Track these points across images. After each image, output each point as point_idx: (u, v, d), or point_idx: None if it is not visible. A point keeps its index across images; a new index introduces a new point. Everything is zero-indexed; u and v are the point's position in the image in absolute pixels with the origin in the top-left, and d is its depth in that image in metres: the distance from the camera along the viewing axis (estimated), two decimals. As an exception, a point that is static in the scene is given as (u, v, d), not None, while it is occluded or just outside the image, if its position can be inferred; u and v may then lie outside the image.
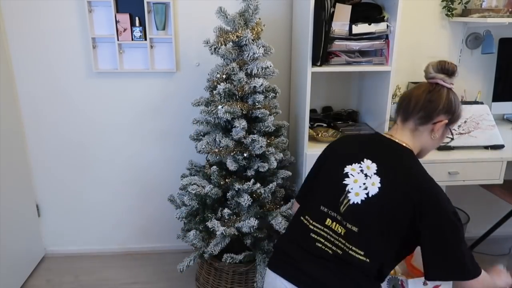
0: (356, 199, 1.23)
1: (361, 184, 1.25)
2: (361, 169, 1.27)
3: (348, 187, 1.26)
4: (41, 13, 2.12)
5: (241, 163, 1.87)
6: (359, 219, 1.22)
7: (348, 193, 1.25)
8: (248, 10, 1.78)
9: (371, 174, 1.25)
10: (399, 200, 1.19)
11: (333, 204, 1.27)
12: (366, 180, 1.25)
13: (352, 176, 1.27)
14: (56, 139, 2.33)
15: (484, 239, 2.48)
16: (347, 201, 1.25)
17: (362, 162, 1.28)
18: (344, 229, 1.23)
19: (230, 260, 1.87)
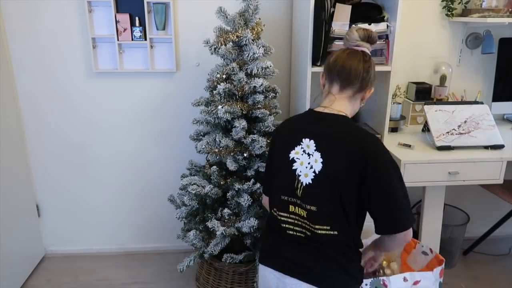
0: (307, 179, 1.28)
1: (306, 165, 1.29)
2: (303, 150, 1.30)
3: (297, 171, 1.30)
4: (41, 13, 2.12)
5: (241, 163, 1.87)
6: (315, 198, 1.27)
7: (299, 176, 1.29)
8: (248, 10, 1.78)
9: (312, 152, 1.29)
10: (342, 168, 1.24)
11: (290, 191, 1.31)
12: (309, 159, 1.29)
13: (298, 160, 1.31)
14: (56, 139, 2.33)
15: (484, 239, 2.48)
16: (300, 184, 1.29)
17: (301, 143, 1.31)
18: (305, 211, 1.29)
19: (230, 260, 1.87)
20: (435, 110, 2.02)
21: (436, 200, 2.02)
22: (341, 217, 1.26)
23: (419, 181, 1.89)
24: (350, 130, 1.29)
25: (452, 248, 2.37)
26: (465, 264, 2.44)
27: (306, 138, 1.30)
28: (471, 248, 2.52)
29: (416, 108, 2.23)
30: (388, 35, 1.87)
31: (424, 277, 1.65)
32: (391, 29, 1.85)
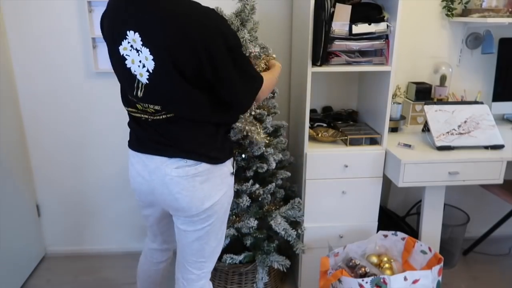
0: (143, 79, 1.19)
1: (138, 64, 1.17)
2: (130, 45, 1.17)
3: (132, 70, 1.20)
4: (41, 13, 2.12)
5: (240, 164, 1.87)
6: (157, 97, 1.21)
7: (136, 76, 1.20)
8: (245, 10, 1.77)
9: (139, 48, 1.15)
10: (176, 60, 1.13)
11: (131, 89, 1.25)
12: (139, 56, 1.16)
13: (128, 57, 1.19)
14: (56, 139, 2.33)
15: (484, 239, 2.48)
16: (140, 84, 1.21)
17: (126, 36, 1.16)
18: (152, 109, 1.24)
19: (229, 261, 1.87)
20: (435, 110, 2.01)
21: (436, 200, 2.02)
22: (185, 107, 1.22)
23: (419, 181, 1.89)
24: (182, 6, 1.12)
25: (452, 248, 2.37)
26: (465, 264, 2.44)
27: (130, 30, 1.14)
28: (471, 248, 2.52)
29: (416, 108, 2.23)
30: (388, 35, 1.87)
31: (423, 275, 1.65)
32: (391, 29, 1.84)
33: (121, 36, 1.18)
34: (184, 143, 1.27)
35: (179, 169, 1.27)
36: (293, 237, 1.89)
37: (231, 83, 1.22)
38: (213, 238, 1.41)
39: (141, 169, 1.35)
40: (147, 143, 1.31)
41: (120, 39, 1.18)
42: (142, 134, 1.32)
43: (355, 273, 1.77)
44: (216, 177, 1.33)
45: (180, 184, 1.28)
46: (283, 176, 1.98)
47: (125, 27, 1.16)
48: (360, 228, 2.07)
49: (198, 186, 1.29)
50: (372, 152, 1.98)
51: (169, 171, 1.28)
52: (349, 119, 2.24)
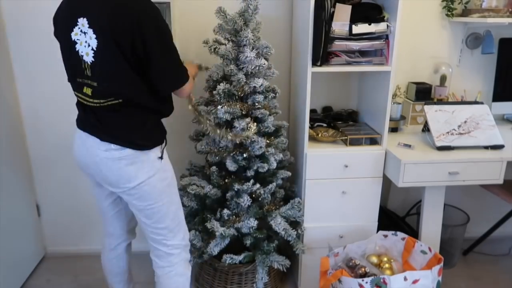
0: (89, 58, 1.36)
1: (85, 44, 1.35)
2: (80, 30, 1.35)
3: (80, 52, 1.37)
4: (41, 13, 2.12)
5: (241, 164, 1.87)
6: (101, 74, 1.37)
7: (82, 57, 1.37)
8: (248, 10, 1.77)
9: (86, 30, 1.34)
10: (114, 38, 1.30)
11: (80, 71, 1.40)
12: (85, 37, 1.34)
13: (78, 41, 1.36)
14: (56, 139, 2.33)
15: (484, 239, 2.48)
16: (86, 64, 1.37)
17: (77, 23, 1.35)
18: (92, 88, 1.40)
19: (229, 261, 1.87)
20: (435, 110, 2.02)
21: (436, 200, 2.02)
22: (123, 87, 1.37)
23: (419, 181, 1.89)
24: None
25: (452, 248, 2.37)
26: (465, 264, 2.44)
27: (81, 16, 1.34)
28: (471, 248, 2.52)
29: (416, 108, 2.23)
30: (388, 35, 1.87)
31: (423, 275, 1.65)
32: (391, 29, 1.84)
33: (73, 23, 1.36)
34: (114, 130, 1.43)
35: (107, 152, 1.43)
36: (293, 237, 1.89)
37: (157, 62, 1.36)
38: (163, 217, 1.56)
39: (81, 143, 1.51)
40: (87, 124, 1.48)
41: (73, 26, 1.36)
42: (84, 116, 1.49)
43: (355, 273, 1.77)
44: (142, 161, 1.46)
45: (107, 165, 1.45)
46: (283, 176, 1.98)
47: (76, 15, 1.35)
48: (360, 228, 2.07)
49: (124, 168, 1.44)
50: (372, 152, 1.98)
51: (99, 152, 1.44)
52: (349, 119, 2.24)
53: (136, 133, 1.45)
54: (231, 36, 1.81)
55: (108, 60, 1.34)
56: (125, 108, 1.41)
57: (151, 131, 1.50)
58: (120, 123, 1.43)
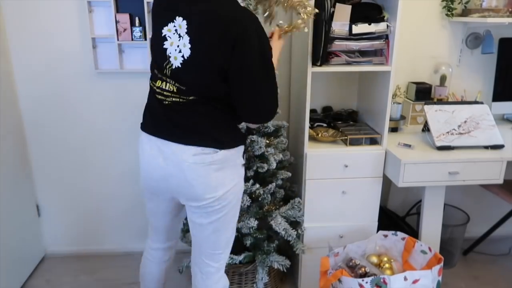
0: (176, 63, 1.27)
1: (175, 47, 1.27)
2: (175, 29, 1.27)
3: (168, 52, 1.28)
4: (41, 13, 2.12)
5: (241, 163, 1.87)
6: (184, 80, 1.28)
7: (169, 57, 1.28)
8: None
9: (183, 34, 1.25)
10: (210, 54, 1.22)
11: (161, 68, 1.32)
12: (179, 41, 1.26)
13: (169, 39, 1.28)
14: (57, 139, 2.33)
15: (484, 239, 2.48)
16: (170, 65, 1.29)
17: (174, 20, 1.26)
18: (175, 87, 1.30)
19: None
20: (435, 110, 2.02)
21: (436, 200, 2.02)
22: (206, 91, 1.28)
23: (419, 181, 1.89)
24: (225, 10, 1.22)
25: (452, 248, 2.37)
26: (465, 264, 2.44)
27: (180, 16, 1.25)
28: (471, 248, 2.52)
29: (416, 108, 2.23)
30: (388, 35, 1.87)
31: (423, 275, 1.65)
32: (391, 29, 1.84)
33: (169, 18, 1.27)
34: (199, 130, 1.31)
35: (196, 156, 1.30)
36: (293, 237, 1.89)
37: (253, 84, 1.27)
38: (228, 228, 1.44)
39: (156, 154, 1.36)
40: (164, 126, 1.34)
41: (168, 21, 1.27)
42: (161, 115, 1.35)
43: (355, 273, 1.77)
44: (230, 166, 1.37)
45: (197, 171, 1.31)
46: (283, 176, 1.98)
47: (176, 13, 1.26)
48: (360, 228, 2.07)
49: (213, 174, 1.33)
50: (372, 152, 1.98)
51: (186, 158, 1.30)
52: (349, 119, 2.24)
53: (222, 131, 1.34)
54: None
55: (196, 71, 1.26)
56: (208, 106, 1.31)
57: (235, 129, 1.40)
58: (204, 122, 1.31)
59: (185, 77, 1.28)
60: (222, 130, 1.34)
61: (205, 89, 1.28)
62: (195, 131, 1.31)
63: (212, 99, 1.30)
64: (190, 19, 1.24)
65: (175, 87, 1.30)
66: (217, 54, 1.21)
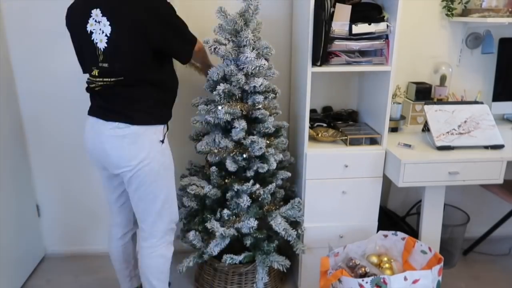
0: (102, 44, 1.50)
1: (99, 32, 1.49)
2: (94, 20, 1.49)
3: (94, 40, 1.50)
4: (41, 13, 2.12)
5: (241, 164, 1.87)
6: (112, 57, 1.50)
7: (97, 44, 1.50)
8: (248, 10, 1.77)
9: (100, 19, 1.48)
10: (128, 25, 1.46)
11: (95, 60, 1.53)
12: (99, 25, 1.48)
13: (94, 31, 1.50)
14: (56, 139, 2.33)
15: (484, 239, 2.48)
16: (100, 51, 1.51)
17: (91, 14, 1.49)
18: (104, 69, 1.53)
19: (229, 261, 1.87)
20: (435, 110, 2.02)
21: (436, 200, 2.02)
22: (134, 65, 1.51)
23: (419, 181, 1.89)
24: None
25: (452, 248, 2.37)
26: (465, 264, 2.44)
27: (94, 8, 1.48)
28: (471, 248, 2.52)
29: (416, 108, 2.23)
30: (388, 35, 1.87)
31: (423, 275, 1.65)
32: (391, 29, 1.84)
33: (88, 15, 1.50)
34: (118, 108, 1.56)
35: (112, 130, 1.56)
36: (293, 237, 1.89)
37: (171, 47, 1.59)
38: (155, 199, 1.65)
39: (90, 129, 1.65)
40: (95, 108, 1.64)
41: (87, 18, 1.50)
42: (92, 102, 1.66)
43: (355, 273, 1.77)
44: (143, 141, 1.58)
45: (112, 142, 1.57)
46: (283, 177, 1.98)
47: (89, 7, 1.49)
48: (360, 228, 2.07)
49: (126, 147, 1.56)
50: (372, 152, 1.98)
51: (104, 130, 1.58)
52: (349, 119, 2.24)
53: (139, 109, 1.57)
54: (232, 36, 1.81)
55: (120, 44, 1.48)
56: (130, 85, 1.54)
57: (153, 107, 1.61)
58: (124, 100, 1.56)
59: (114, 51, 1.49)
60: (137, 109, 1.56)
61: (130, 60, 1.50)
62: (113, 108, 1.57)
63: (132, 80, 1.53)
64: (102, 5, 1.47)
65: (102, 69, 1.52)
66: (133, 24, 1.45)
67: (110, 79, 1.54)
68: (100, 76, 1.55)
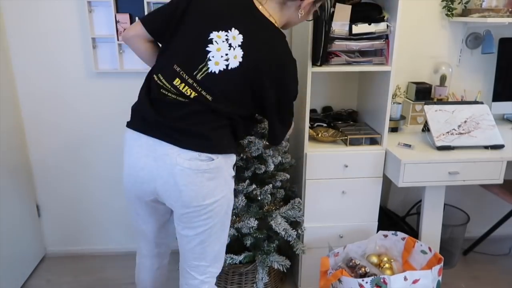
0: (215, 68, 1.25)
1: (223, 54, 1.25)
2: (226, 38, 1.25)
3: (210, 55, 1.25)
4: (41, 13, 2.12)
5: (238, 164, 1.87)
6: (213, 89, 1.26)
7: (209, 60, 1.25)
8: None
9: (235, 46, 1.25)
10: (255, 78, 1.27)
11: (188, 67, 1.26)
12: (229, 51, 1.25)
13: (216, 44, 1.25)
14: (56, 139, 2.33)
15: (484, 239, 2.48)
16: (206, 68, 1.25)
17: (229, 30, 1.26)
18: (196, 93, 1.26)
19: (229, 261, 1.87)
20: (435, 110, 2.02)
21: (436, 200, 2.02)
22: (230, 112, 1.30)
23: (419, 181, 1.89)
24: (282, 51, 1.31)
25: (452, 248, 2.37)
26: (465, 264, 2.44)
27: (237, 29, 1.25)
28: (471, 248, 2.52)
29: (416, 108, 2.23)
30: (388, 35, 1.87)
31: (423, 275, 1.65)
32: (391, 29, 1.84)
33: (223, 26, 1.26)
34: (200, 134, 1.26)
35: (191, 162, 1.25)
36: (293, 237, 1.89)
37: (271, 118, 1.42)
38: (215, 241, 1.39)
39: (145, 153, 1.28)
40: (157, 125, 1.27)
41: (220, 28, 1.26)
42: (155, 114, 1.27)
43: (355, 273, 1.77)
44: (221, 177, 1.32)
45: (189, 177, 1.26)
46: (282, 178, 1.97)
47: (232, 24, 1.26)
48: (360, 228, 2.07)
49: (205, 183, 1.28)
50: (372, 152, 1.98)
51: (180, 162, 1.25)
52: (349, 119, 2.24)
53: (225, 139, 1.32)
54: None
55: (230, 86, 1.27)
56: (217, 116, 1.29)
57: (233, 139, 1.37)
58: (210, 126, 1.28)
59: (217, 85, 1.25)
60: (220, 136, 1.31)
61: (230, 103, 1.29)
62: (194, 134, 1.26)
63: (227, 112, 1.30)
64: (247, 36, 1.26)
65: (197, 93, 1.26)
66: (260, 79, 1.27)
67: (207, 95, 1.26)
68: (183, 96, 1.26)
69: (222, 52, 1.24)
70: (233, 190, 1.44)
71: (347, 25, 1.84)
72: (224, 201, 1.35)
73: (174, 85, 1.27)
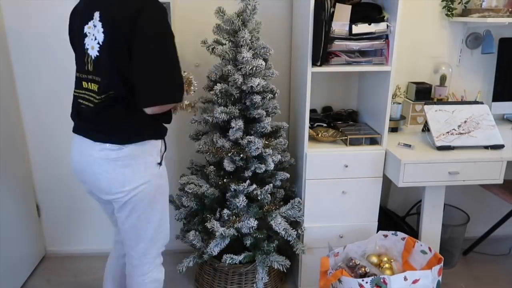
0: (94, 52, 1.33)
1: (92, 37, 1.32)
2: (93, 24, 1.32)
3: (86, 45, 1.34)
4: (41, 13, 2.12)
5: (238, 164, 1.87)
6: (100, 69, 1.33)
7: (87, 50, 1.34)
8: (246, 11, 1.77)
9: (96, 24, 1.31)
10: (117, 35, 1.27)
11: (82, 67, 1.38)
12: (94, 30, 1.32)
13: (89, 34, 1.34)
14: (56, 139, 2.33)
15: (484, 239, 2.48)
16: (89, 57, 1.34)
17: (93, 16, 1.32)
18: (96, 85, 1.35)
19: (229, 261, 1.87)
20: (435, 110, 2.01)
21: (436, 200, 2.02)
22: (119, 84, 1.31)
23: (419, 181, 1.89)
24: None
25: (452, 248, 2.37)
26: (465, 264, 2.44)
27: (96, 10, 1.32)
28: (471, 248, 2.52)
29: (416, 108, 2.23)
30: (388, 35, 1.87)
31: (423, 275, 1.65)
32: (391, 29, 1.84)
33: (88, 16, 1.34)
34: (109, 127, 1.37)
35: (102, 152, 1.37)
36: (293, 237, 1.89)
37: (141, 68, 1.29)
38: (147, 224, 1.49)
39: (76, 148, 1.47)
40: (81, 126, 1.45)
41: (88, 19, 1.34)
42: (79, 118, 1.45)
43: (355, 273, 1.77)
44: (138, 164, 1.40)
45: (102, 165, 1.38)
46: (281, 178, 1.98)
47: (93, 9, 1.33)
48: (360, 228, 2.07)
49: (119, 170, 1.38)
50: (372, 152, 1.98)
51: (93, 153, 1.38)
52: (349, 119, 2.24)
53: (131, 128, 1.38)
54: (230, 36, 1.81)
55: (110, 56, 1.29)
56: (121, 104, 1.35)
57: (148, 124, 1.41)
58: (115, 119, 1.37)
59: (103, 64, 1.31)
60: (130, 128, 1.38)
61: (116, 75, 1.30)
62: (104, 127, 1.37)
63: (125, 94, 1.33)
64: (101, 8, 1.31)
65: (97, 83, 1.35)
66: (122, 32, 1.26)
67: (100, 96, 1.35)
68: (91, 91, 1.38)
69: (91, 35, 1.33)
70: (166, 176, 1.52)
71: (347, 25, 1.84)
72: (148, 187, 1.43)
73: (84, 88, 1.40)
